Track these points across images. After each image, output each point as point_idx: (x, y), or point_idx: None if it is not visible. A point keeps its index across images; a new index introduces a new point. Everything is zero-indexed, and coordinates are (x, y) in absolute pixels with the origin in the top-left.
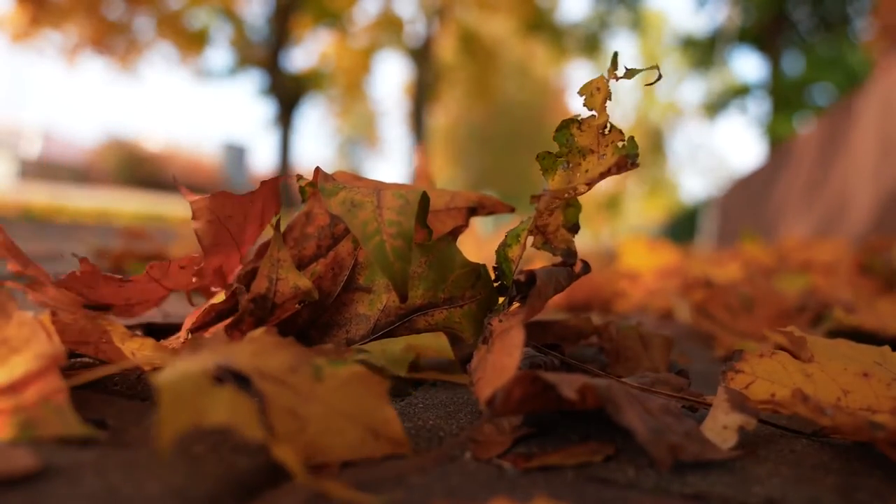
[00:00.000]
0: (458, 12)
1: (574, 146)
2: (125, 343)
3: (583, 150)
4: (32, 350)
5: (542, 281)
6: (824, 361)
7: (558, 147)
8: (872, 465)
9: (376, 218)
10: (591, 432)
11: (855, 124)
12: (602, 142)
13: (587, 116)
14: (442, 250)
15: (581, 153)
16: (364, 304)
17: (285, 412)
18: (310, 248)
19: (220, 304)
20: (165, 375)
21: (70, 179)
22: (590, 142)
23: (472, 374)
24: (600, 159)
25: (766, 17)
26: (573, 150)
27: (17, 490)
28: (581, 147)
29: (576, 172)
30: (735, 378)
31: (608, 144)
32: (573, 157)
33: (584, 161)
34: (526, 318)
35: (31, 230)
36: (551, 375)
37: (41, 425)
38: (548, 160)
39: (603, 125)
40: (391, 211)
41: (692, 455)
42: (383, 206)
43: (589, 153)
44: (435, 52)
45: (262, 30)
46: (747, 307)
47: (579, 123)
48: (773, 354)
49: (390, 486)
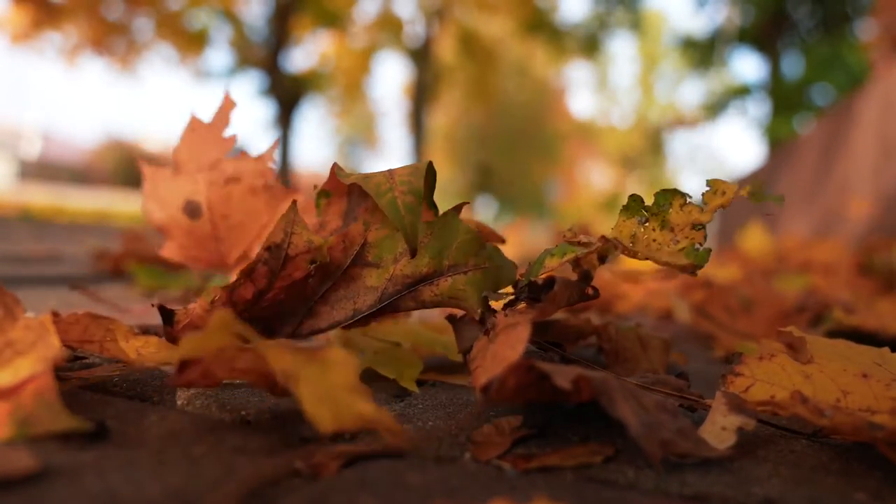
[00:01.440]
0: (458, 13)
1: (663, 214)
2: (129, 341)
3: (666, 224)
4: (37, 352)
5: (559, 288)
6: (823, 362)
7: (650, 201)
8: (872, 465)
9: (388, 180)
10: (590, 433)
11: (855, 125)
12: (685, 233)
13: (695, 203)
14: (446, 221)
15: (663, 225)
16: (372, 278)
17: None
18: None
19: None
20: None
21: (69, 180)
22: (677, 223)
23: (471, 362)
24: (672, 244)
25: (766, 18)
26: (660, 216)
27: (17, 491)
28: (667, 220)
29: (643, 235)
30: (735, 381)
31: (687, 238)
32: (653, 221)
33: (659, 233)
34: (536, 317)
35: (30, 231)
36: (546, 365)
37: (36, 422)
38: (634, 207)
39: (701, 223)
40: (402, 174)
41: (684, 451)
42: (395, 172)
43: (668, 231)
44: (434, 52)
45: (261, 30)
46: (746, 308)
47: (685, 201)
48: (773, 357)
49: (390, 487)
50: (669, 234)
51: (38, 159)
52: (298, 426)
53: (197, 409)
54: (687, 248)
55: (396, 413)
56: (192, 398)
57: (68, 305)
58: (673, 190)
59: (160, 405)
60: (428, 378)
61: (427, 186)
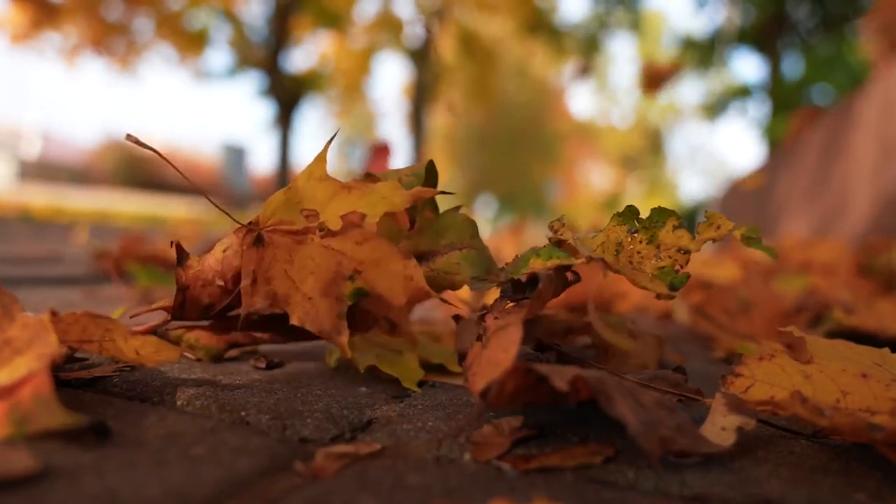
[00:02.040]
0: (458, 13)
1: (655, 230)
2: (128, 341)
3: (654, 239)
4: (35, 351)
5: (544, 284)
6: (823, 363)
7: (645, 214)
8: (872, 466)
9: (397, 172)
10: (590, 434)
11: (855, 125)
12: (670, 253)
13: (683, 229)
14: (447, 214)
15: (651, 240)
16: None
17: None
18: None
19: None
20: None
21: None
22: (665, 243)
23: (467, 369)
24: (655, 260)
25: (766, 18)
26: (651, 231)
27: (16, 491)
28: (657, 236)
29: (630, 245)
30: (735, 382)
31: (671, 258)
32: (643, 234)
33: (644, 247)
34: (526, 316)
35: (30, 231)
36: (544, 367)
37: (33, 420)
38: (627, 216)
39: (687, 249)
40: (407, 170)
41: (683, 448)
42: (401, 170)
43: (654, 247)
44: (434, 53)
45: (261, 30)
46: (745, 309)
47: (677, 225)
48: (773, 357)
49: (390, 487)
50: (654, 250)
51: (38, 159)
52: (298, 426)
53: (197, 409)
54: (667, 267)
55: (396, 413)
56: (192, 398)
57: (68, 305)
58: (670, 211)
59: (160, 405)
60: (428, 379)
61: (429, 177)
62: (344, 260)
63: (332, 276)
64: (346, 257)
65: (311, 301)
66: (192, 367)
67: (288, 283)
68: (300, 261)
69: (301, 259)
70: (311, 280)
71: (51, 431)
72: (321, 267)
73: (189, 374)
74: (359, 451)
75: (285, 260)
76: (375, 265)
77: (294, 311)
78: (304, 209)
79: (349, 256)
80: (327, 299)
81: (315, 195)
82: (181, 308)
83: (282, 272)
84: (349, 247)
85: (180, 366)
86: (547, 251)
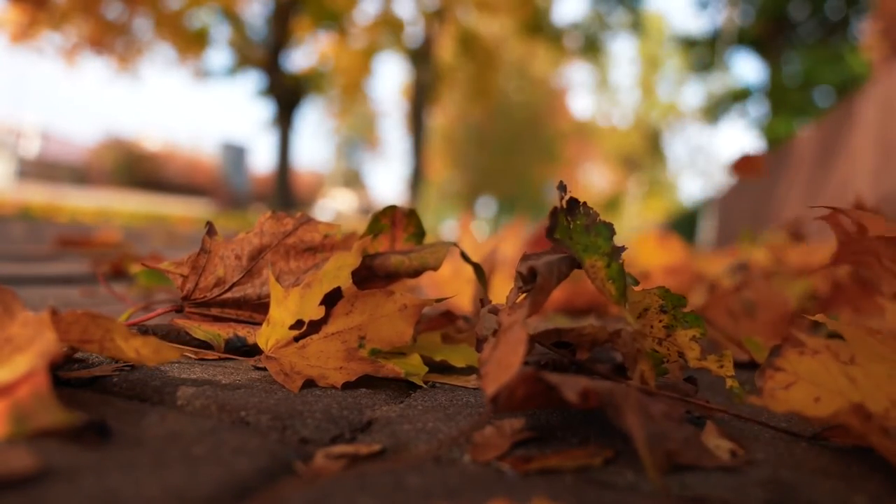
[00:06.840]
0: (458, 13)
1: (676, 326)
2: (128, 341)
3: (672, 329)
4: (35, 348)
5: (543, 276)
6: (865, 363)
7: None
8: (872, 469)
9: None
10: (590, 435)
11: (855, 126)
12: (687, 344)
13: (705, 348)
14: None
15: (670, 330)
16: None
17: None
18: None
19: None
20: None
21: (69, 179)
22: (682, 340)
23: (482, 366)
24: (668, 343)
25: (766, 19)
26: (673, 326)
27: (16, 491)
28: (675, 329)
29: (655, 319)
30: (775, 376)
31: (675, 355)
32: (666, 319)
33: (661, 329)
34: (529, 314)
35: (29, 230)
36: (554, 377)
37: (32, 418)
38: (669, 300)
39: (699, 357)
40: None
41: (688, 462)
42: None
43: (671, 340)
44: (434, 53)
45: (261, 30)
46: (749, 311)
47: (700, 335)
48: (816, 353)
49: (389, 489)
50: (658, 345)
51: (38, 158)
52: (298, 427)
53: (197, 409)
54: (671, 354)
55: (396, 414)
56: (192, 398)
57: (68, 305)
58: (700, 320)
59: (160, 405)
60: (428, 379)
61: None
62: (348, 337)
63: (347, 351)
64: (347, 332)
65: (342, 370)
66: (192, 367)
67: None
68: (315, 356)
69: (315, 354)
70: (332, 361)
71: (50, 430)
72: (336, 353)
73: (189, 374)
74: (359, 452)
75: (304, 364)
76: (372, 321)
77: (327, 382)
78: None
79: (349, 329)
80: (353, 363)
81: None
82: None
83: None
84: (344, 322)
85: (180, 365)
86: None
